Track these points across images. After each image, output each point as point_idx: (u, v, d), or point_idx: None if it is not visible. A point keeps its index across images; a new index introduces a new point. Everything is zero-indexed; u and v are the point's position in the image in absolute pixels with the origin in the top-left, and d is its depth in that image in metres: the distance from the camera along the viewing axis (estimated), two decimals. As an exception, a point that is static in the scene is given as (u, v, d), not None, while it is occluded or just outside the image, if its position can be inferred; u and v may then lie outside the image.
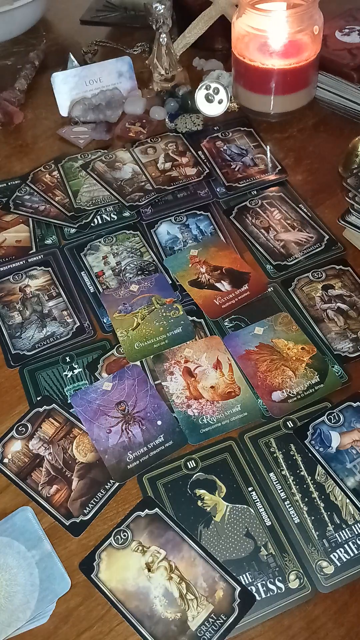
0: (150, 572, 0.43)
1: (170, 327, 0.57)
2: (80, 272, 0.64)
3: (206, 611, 0.41)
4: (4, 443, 0.51)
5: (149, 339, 0.56)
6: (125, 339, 0.57)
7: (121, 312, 0.59)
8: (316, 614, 0.41)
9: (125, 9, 1.03)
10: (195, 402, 0.52)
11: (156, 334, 0.57)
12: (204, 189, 0.71)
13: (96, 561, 0.44)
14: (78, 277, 0.63)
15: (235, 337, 0.56)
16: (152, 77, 0.86)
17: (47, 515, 0.47)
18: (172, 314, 0.58)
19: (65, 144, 0.80)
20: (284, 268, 0.62)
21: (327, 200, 0.69)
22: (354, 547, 0.44)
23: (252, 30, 0.72)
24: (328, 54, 0.81)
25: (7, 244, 0.68)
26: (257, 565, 0.43)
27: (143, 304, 0.59)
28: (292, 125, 0.79)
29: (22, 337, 0.58)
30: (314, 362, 0.54)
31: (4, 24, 0.94)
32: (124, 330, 0.57)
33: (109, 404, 0.52)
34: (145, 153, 0.76)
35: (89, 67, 0.83)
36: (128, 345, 0.56)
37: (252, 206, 0.69)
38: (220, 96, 0.79)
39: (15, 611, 0.42)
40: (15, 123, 0.84)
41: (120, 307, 0.59)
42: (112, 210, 0.70)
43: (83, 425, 0.51)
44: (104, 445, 0.50)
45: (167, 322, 0.58)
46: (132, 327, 0.57)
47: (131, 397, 0.52)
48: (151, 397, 0.52)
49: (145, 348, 0.56)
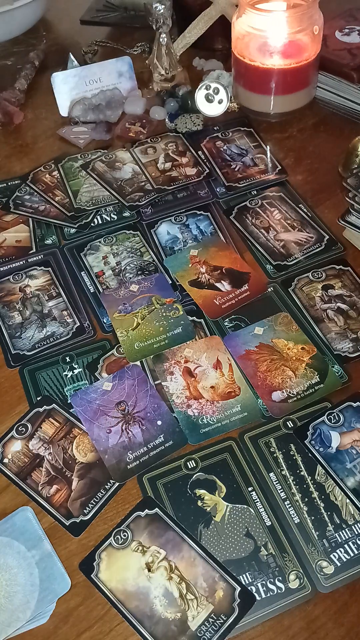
0: (150, 572, 0.43)
1: (170, 327, 0.57)
2: (80, 272, 0.64)
3: (206, 611, 0.41)
4: (4, 443, 0.51)
5: (149, 339, 0.56)
6: (125, 339, 0.57)
7: (121, 312, 0.59)
8: (316, 614, 0.41)
9: (125, 9, 1.03)
10: (195, 402, 0.52)
11: (156, 334, 0.57)
12: (204, 189, 0.71)
13: (96, 561, 0.44)
14: (78, 277, 0.63)
15: (235, 337, 0.56)
16: (152, 77, 0.86)
17: (47, 515, 0.47)
18: (172, 314, 0.58)
19: (65, 144, 0.80)
20: (284, 268, 0.62)
21: (327, 200, 0.69)
22: (354, 547, 0.44)
23: (252, 30, 0.72)
24: (328, 54, 0.81)
25: (7, 244, 0.68)
26: (257, 565, 0.43)
27: (143, 304, 0.59)
28: (292, 125, 0.79)
29: (22, 337, 0.58)
30: (314, 362, 0.54)
31: (4, 24, 0.94)
32: (124, 330, 0.57)
33: (109, 404, 0.52)
34: (145, 153, 0.76)
35: (89, 67, 0.83)
36: (128, 345, 0.56)
37: (252, 206, 0.69)
38: (220, 96, 0.79)
39: (15, 611, 0.42)
40: (15, 123, 0.84)
41: (120, 307, 0.59)
42: (112, 210, 0.70)
43: (83, 425, 0.51)
44: (103, 445, 0.50)
45: (167, 322, 0.58)
46: (132, 327, 0.57)
47: (131, 397, 0.52)
48: (151, 397, 0.52)
49: (146, 348, 0.56)
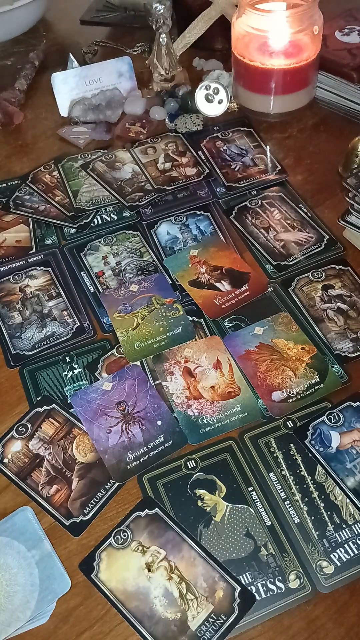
0: (150, 572, 0.43)
1: (170, 327, 0.57)
2: (80, 272, 0.64)
3: (206, 611, 0.41)
4: (4, 443, 0.51)
5: (149, 339, 0.56)
6: (125, 339, 0.56)
7: (121, 312, 0.59)
8: (316, 614, 0.41)
9: (125, 9, 1.03)
10: (195, 402, 0.52)
11: (156, 334, 0.57)
12: (204, 189, 0.71)
13: (96, 561, 0.44)
14: (78, 277, 0.63)
15: (235, 337, 0.56)
16: (152, 77, 0.86)
17: (47, 515, 0.47)
18: (172, 314, 0.58)
19: (65, 144, 0.80)
20: (284, 268, 0.62)
21: (327, 200, 0.69)
22: (354, 547, 0.44)
23: (252, 30, 0.72)
24: (328, 54, 0.81)
25: (7, 244, 0.68)
26: (257, 565, 0.43)
27: (143, 304, 0.59)
28: (292, 125, 0.79)
29: (22, 337, 0.58)
30: (314, 362, 0.54)
31: (4, 24, 0.94)
32: (124, 330, 0.57)
33: (109, 404, 0.52)
34: (145, 153, 0.76)
35: (89, 67, 0.83)
36: (128, 346, 0.56)
37: (252, 206, 0.69)
38: (220, 96, 0.79)
39: (15, 611, 0.42)
40: (15, 123, 0.84)
41: (120, 307, 0.59)
42: (112, 210, 0.70)
43: (83, 426, 0.51)
44: (104, 446, 0.50)
45: (167, 322, 0.58)
46: (132, 327, 0.57)
47: (131, 397, 0.52)
48: (151, 397, 0.52)
49: (145, 348, 0.56)
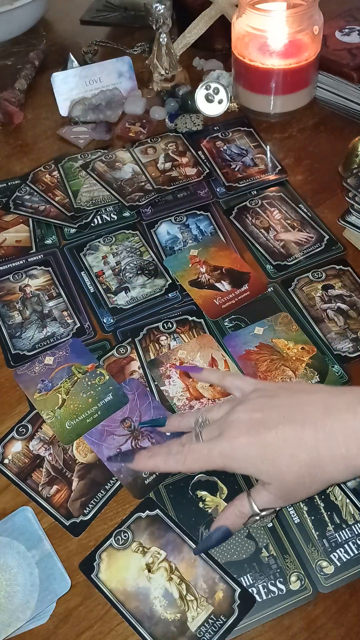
0: (151, 573, 0.43)
1: (99, 395, 0.52)
2: (80, 272, 0.64)
3: (206, 612, 0.41)
4: (4, 444, 0.51)
5: (79, 414, 0.51)
6: (53, 420, 0.51)
7: (42, 391, 0.53)
8: (316, 614, 0.41)
9: (125, 9, 1.03)
10: (197, 403, 0.52)
11: (86, 407, 0.51)
12: (204, 189, 0.71)
13: (96, 561, 0.44)
14: (78, 277, 0.63)
15: (235, 337, 0.56)
16: (152, 77, 0.86)
17: (47, 515, 0.47)
18: (97, 380, 0.53)
19: (65, 144, 0.80)
20: (284, 268, 0.62)
21: (327, 200, 0.69)
22: (354, 547, 0.44)
23: (252, 30, 0.72)
24: (328, 54, 0.81)
25: (7, 244, 0.68)
26: (258, 567, 0.43)
27: (64, 377, 0.54)
28: (292, 125, 0.79)
29: (22, 337, 0.58)
30: (314, 362, 0.54)
31: (4, 24, 0.94)
32: (49, 412, 0.51)
33: (113, 422, 0.51)
34: (145, 153, 0.76)
35: (89, 67, 0.83)
36: (59, 427, 0.50)
37: (252, 206, 0.69)
38: (220, 96, 0.79)
39: (15, 611, 0.42)
40: (15, 123, 0.84)
41: (39, 386, 0.53)
42: (112, 210, 0.70)
43: (92, 448, 0.50)
44: (117, 466, 0.48)
45: (95, 391, 0.52)
46: (58, 406, 0.52)
47: (134, 412, 0.51)
48: (155, 409, 0.51)
49: (78, 425, 0.50)
